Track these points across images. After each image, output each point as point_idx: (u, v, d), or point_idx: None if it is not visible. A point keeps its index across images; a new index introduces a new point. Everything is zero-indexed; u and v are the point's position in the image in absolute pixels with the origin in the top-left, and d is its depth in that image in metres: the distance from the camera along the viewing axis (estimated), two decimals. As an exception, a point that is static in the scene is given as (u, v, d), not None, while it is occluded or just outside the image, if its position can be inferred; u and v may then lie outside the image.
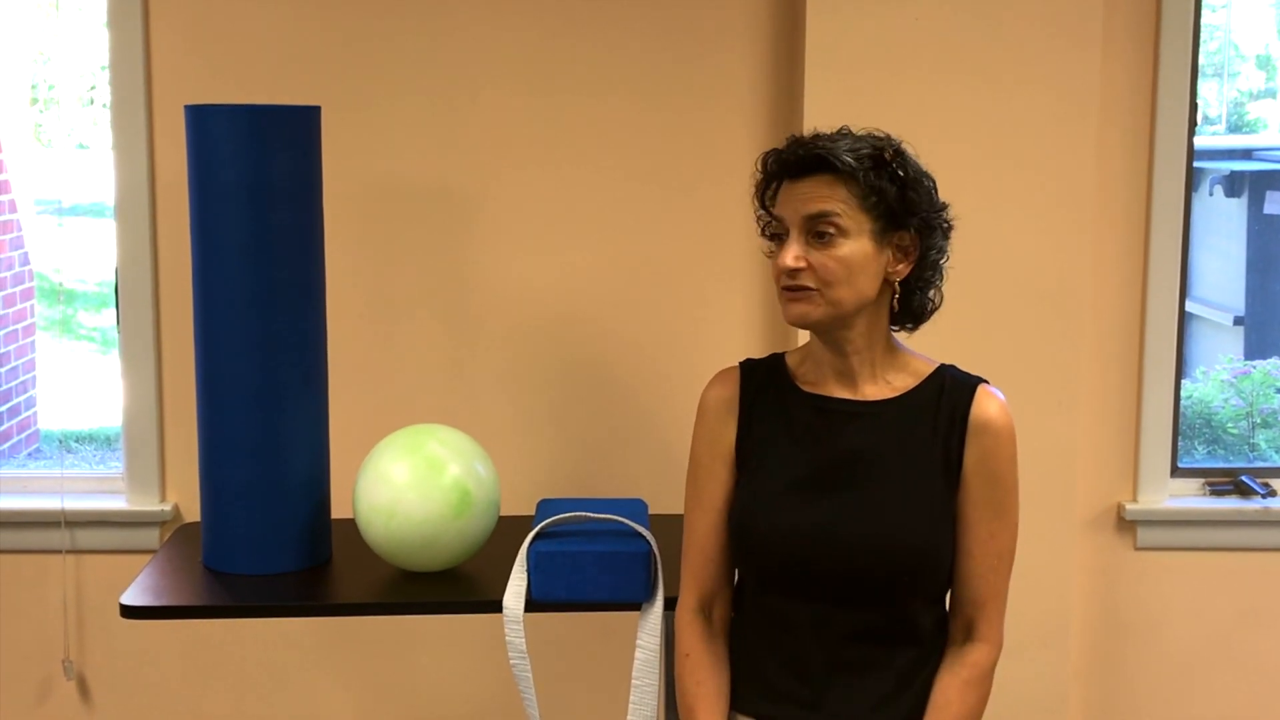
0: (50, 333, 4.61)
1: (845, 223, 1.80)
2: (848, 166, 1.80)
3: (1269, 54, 4.37)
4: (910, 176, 1.83)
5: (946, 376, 1.89)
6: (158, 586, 2.26)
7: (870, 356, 1.88)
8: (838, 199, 1.81)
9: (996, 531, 1.85)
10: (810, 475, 1.87)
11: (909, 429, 1.86)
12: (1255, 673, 3.19)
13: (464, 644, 3.10)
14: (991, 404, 1.86)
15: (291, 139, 2.26)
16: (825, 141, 1.83)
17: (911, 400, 1.87)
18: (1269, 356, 3.81)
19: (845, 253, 1.81)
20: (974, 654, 1.87)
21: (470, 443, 2.26)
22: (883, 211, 1.81)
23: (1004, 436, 1.85)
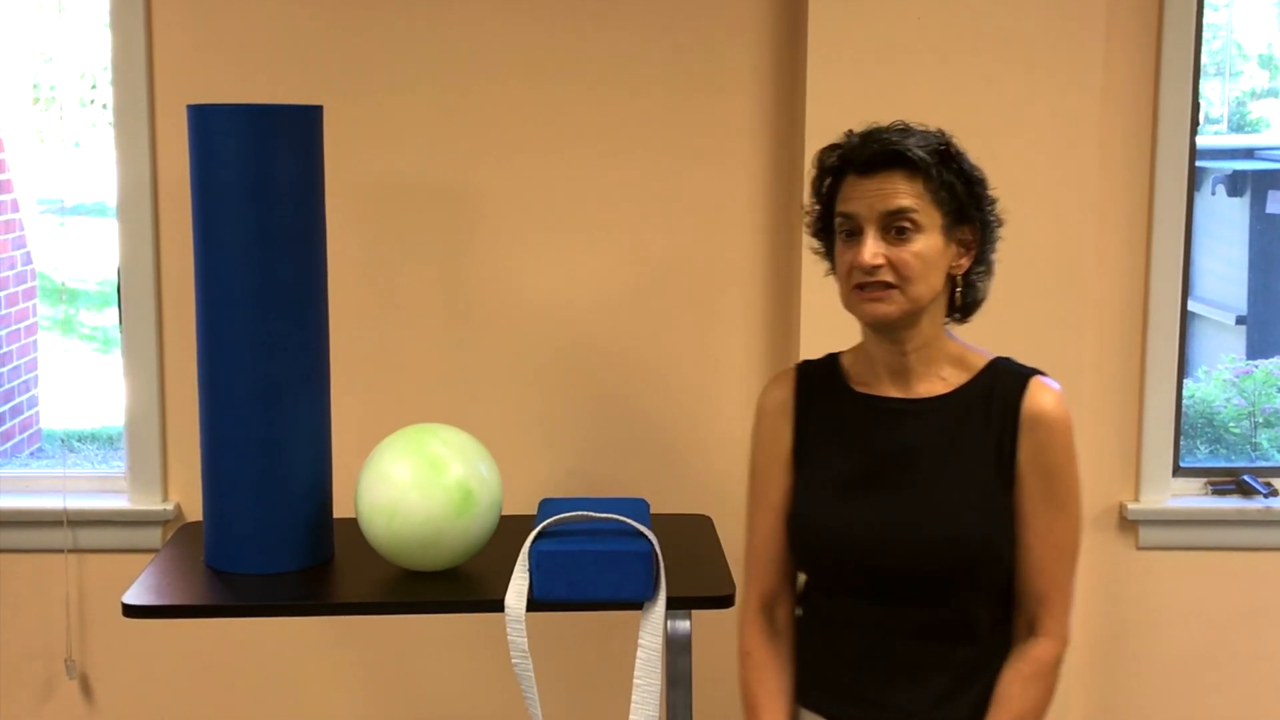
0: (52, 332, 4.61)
1: (921, 218, 1.81)
2: (923, 161, 1.81)
3: (1271, 53, 4.37)
4: (971, 171, 1.86)
5: (1000, 369, 1.89)
6: (160, 586, 2.26)
7: (927, 353, 1.89)
8: (914, 194, 1.81)
9: (1054, 525, 1.83)
10: (864, 475, 1.89)
11: (961, 424, 1.86)
12: (1257, 672, 3.19)
13: (465, 643, 3.10)
14: (1044, 396, 1.85)
15: (293, 138, 2.25)
16: (895, 136, 1.83)
17: (963, 395, 1.87)
18: (1271, 356, 3.81)
19: (921, 248, 1.81)
20: (1036, 649, 1.86)
21: (472, 442, 2.26)
22: (952, 207, 1.83)
23: (1057, 429, 1.84)
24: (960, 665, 1.87)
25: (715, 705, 3.11)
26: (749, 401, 3.07)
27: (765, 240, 3.02)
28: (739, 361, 3.06)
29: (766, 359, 3.05)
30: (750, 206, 3.02)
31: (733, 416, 3.08)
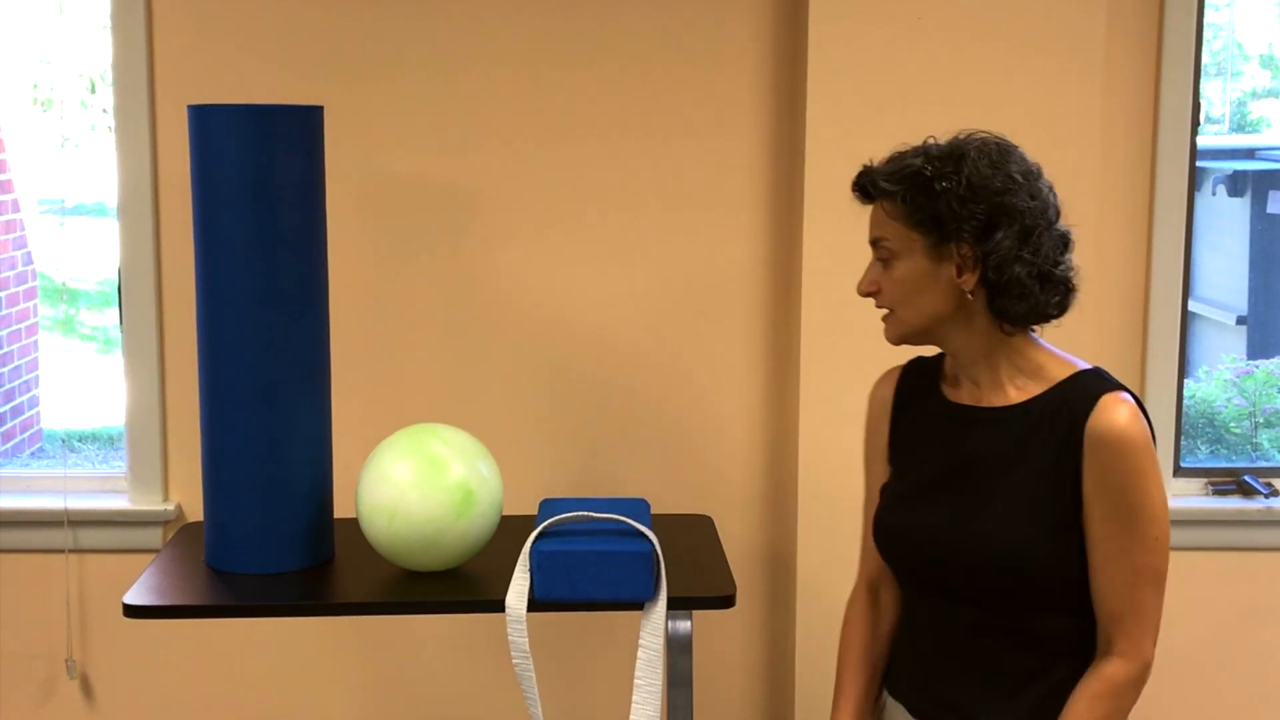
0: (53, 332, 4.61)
1: (895, 245, 1.85)
2: (884, 191, 1.84)
3: (1272, 53, 4.37)
4: (963, 185, 1.80)
5: (1078, 383, 1.85)
6: (160, 586, 2.26)
7: (989, 363, 1.88)
8: (887, 222, 1.85)
9: (1129, 548, 1.79)
10: (935, 478, 1.93)
11: (1029, 436, 1.84)
12: (1258, 672, 3.19)
13: (466, 644, 3.10)
14: (1110, 414, 1.79)
15: (294, 139, 2.25)
16: (882, 165, 1.87)
17: (1034, 407, 1.86)
18: (1272, 356, 3.80)
19: (900, 274, 1.85)
20: (1109, 667, 1.83)
21: (473, 442, 2.26)
22: (932, 227, 1.82)
23: (1126, 448, 1.78)
24: (1015, 672, 1.87)
25: (715, 705, 3.12)
26: (749, 401, 3.09)
27: (767, 240, 3.02)
28: (740, 361, 3.06)
29: (767, 358, 3.05)
30: (752, 206, 3.02)
31: (733, 416, 3.08)
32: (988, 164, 1.82)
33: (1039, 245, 1.84)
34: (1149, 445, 1.81)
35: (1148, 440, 1.81)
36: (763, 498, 3.08)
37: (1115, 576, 1.81)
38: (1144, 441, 1.80)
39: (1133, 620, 1.82)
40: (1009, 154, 1.85)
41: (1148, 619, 1.82)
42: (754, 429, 3.08)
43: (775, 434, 3.07)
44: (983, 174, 1.82)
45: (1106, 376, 1.87)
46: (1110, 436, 1.78)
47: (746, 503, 3.08)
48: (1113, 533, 1.80)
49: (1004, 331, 1.87)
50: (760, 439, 3.08)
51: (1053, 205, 1.88)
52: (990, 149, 1.84)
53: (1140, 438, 1.79)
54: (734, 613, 2.32)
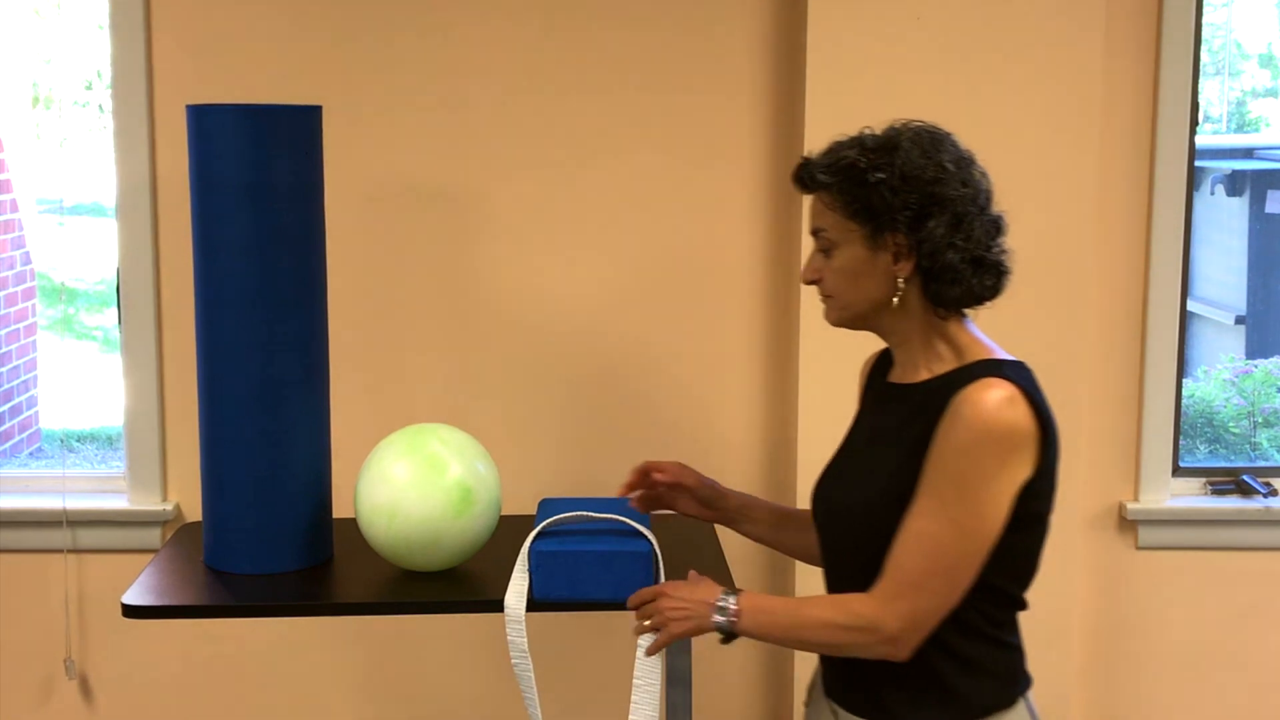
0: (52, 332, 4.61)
1: (834, 235, 1.88)
2: (820, 183, 1.87)
3: (1271, 53, 4.37)
4: (896, 175, 1.82)
5: (976, 367, 1.85)
6: (159, 586, 2.26)
7: (912, 345, 1.91)
8: (825, 212, 1.88)
9: (925, 511, 1.78)
10: (848, 452, 2.00)
11: (915, 413, 1.86)
12: (1257, 672, 3.19)
13: (465, 644, 3.10)
14: (975, 393, 1.78)
15: (293, 139, 2.25)
16: (818, 157, 1.90)
17: (932, 385, 1.87)
18: (1270, 355, 3.81)
19: (839, 263, 1.88)
20: (855, 598, 1.82)
21: (471, 442, 2.26)
22: (866, 216, 1.84)
23: (963, 423, 1.76)
24: None
25: (714, 705, 3.12)
26: (749, 400, 3.09)
27: (765, 240, 3.02)
28: (739, 361, 3.06)
29: (766, 358, 3.05)
30: (750, 207, 3.02)
31: (733, 415, 3.08)
32: (920, 153, 1.84)
33: (971, 231, 1.85)
34: (999, 435, 1.77)
35: (1000, 430, 1.77)
36: (762, 495, 3.07)
37: (903, 534, 1.79)
38: (992, 427, 1.76)
39: (889, 578, 1.79)
40: (941, 142, 1.87)
41: (901, 589, 1.78)
42: (753, 428, 3.08)
43: (774, 433, 3.07)
44: (915, 164, 1.84)
45: (1011, 368, 1.85)
46: (961, 411, 1.77)
47: (745, 502, 3.08)
48: (920, 491, 1.79)
49: (938, 315, 1.89)
50: (759, 438, 3.08)
51: (984, 191, 1.89)
52: (923, 138, 1.86)
53: (989, 422, 1.76)
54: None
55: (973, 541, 1.78)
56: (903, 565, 1.79)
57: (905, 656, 1.81)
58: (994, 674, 1.88)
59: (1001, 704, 1.88)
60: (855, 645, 1.82)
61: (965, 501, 1.77)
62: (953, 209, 1.84)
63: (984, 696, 1.87)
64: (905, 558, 1.79)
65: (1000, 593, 1.86)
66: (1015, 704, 1.89)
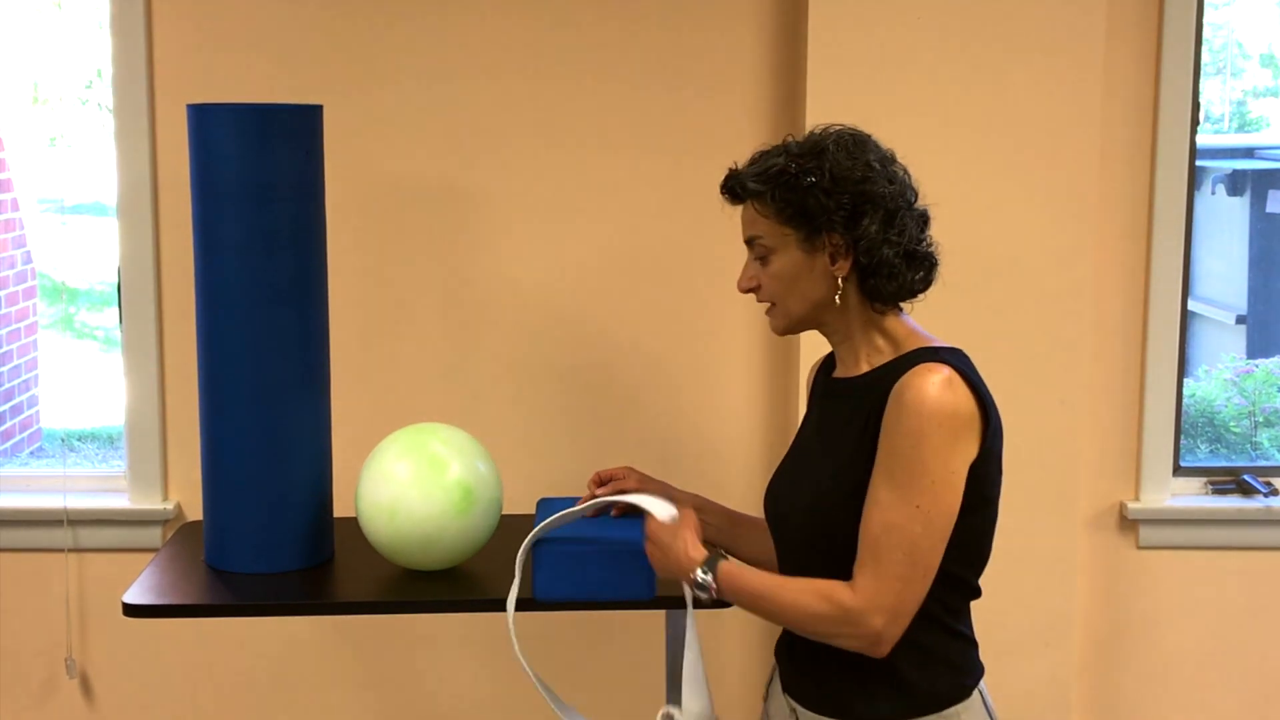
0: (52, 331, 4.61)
1: (770, 241, 1.91)
2: (752, 191, 1.91)
3: (1272, 52, 4.37)
4: (826, 178, 1.86)
5: (914, 355, 1.87)
6: (160, 585, 2.27)
7: (853, 342, 1.93)
8: (759, 220, 1.92)
9: (886, 503, 1.78)
10: (795, 451, 2.04)
11: (857, 405, 1.88)
12: (1257, 671, 3.19)
13: (465, 643, 3.10)
14: (915, 378, 1.80)
15: (293, 138, 2.26)
16: (747, 166, 1.94)
17: (871, 378, 1.90)
18: (1271, 355, 3.81)
19: (777, 269, 1.92)
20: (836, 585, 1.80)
21: (472, 441, 2.26)
22: (801, 220, 1.88)
23: (908, 409, 1.78)
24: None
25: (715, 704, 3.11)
26: (748, 399, 3.09)
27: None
28: (739, 359, 3.06)
29: (766, 357, 3.05)
30: (750, 206, 3.02)
31: (732, 414, 3.08)
32: (845, 155, 1.88)
33: (903, 226, 1.89)
34: (943, 417, 1.78)
35: (943, 410, 1.78)
36: (761, 496, 3.07)
37: (869, 524, 1.79)
38: (936, 409, 1.77)
39: (871, 574, 1.78)
40: (864, 143, 1.91)
41: (885, 584, 1.78)
42: (753, 428, 3.08)
43: (773, 432, 3.07)
44: (843, 165, 1.87)
45: (944, 353, 1.87)
46: (901, 395, 1.80)
47: (745, 501, 3.07)
48: (878, 483, 1.79)
49: (875, 310, 1.92)
50: (759, 438, 3.08)
51: (910, 187, 1.92)
52: (846, 140, 1.90)
53: (933, 405, 1.77)
54: (732, 611, 2.31)
55: (937, 526, 1.79)
56: (881, 560, 1.78)
57: (886, 651, 1.81)
58: (949, 664, 1.89)
59: (957, 695, 1.89)
60: (836, 636, 1.82)
61: (925, 487, 1.78)
62: (884, 205, 1.88)
63: (939, 687, 1.88)
64: (882, 552, 1.78)
65: (955, 579, 1.87)
66: (970, 695, 1.90)
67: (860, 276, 1.89)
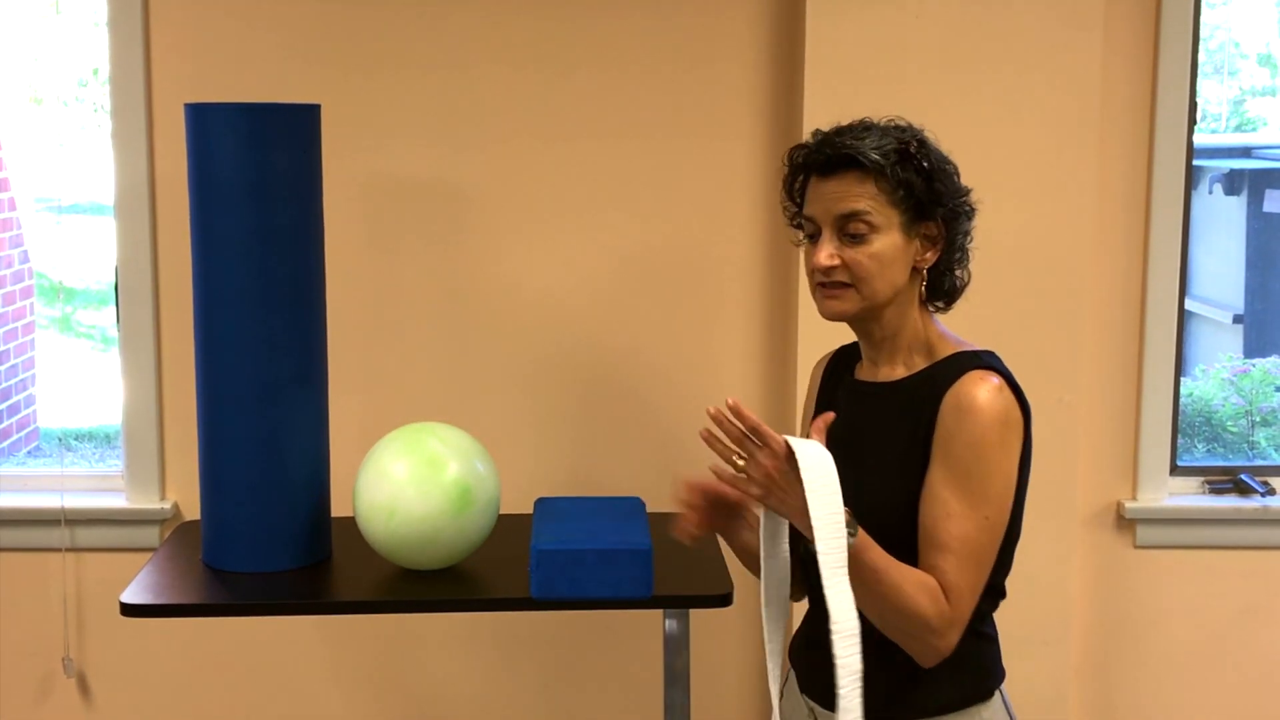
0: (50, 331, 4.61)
1: (876, 219, 1.83)
2: (875, 164, 1.82)
3: (1269, 52, 4.37)
4: (934, 166, 1.85)
5: (955, 360, 1.86)
6: (158, 584, 2.27)
7: (895, 341, 1.90)
8: (867, 196, 1.83)
9: (957, 514, 1.77)
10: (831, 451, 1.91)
11: (902, 409, 1.86)
12: (1255, 671, 3.19)
13: (464, 642, 3.10)
14: (968, 386, 1.80)
15: (291, 137, 2.26)
16: (851, 138, 1.85)
17: (913, 382, 1.88)
18: (1268, 355, 3.81)
19: (877, 248, 1.84)
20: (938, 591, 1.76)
21: (470, 441, 2.26)
22: (911, 204, 1.84)
23: (970, 416, 1.78)
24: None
25: (713, 704, 3.12)
26: (747, 399, 3.08)
27: (764, 236, 3.02)
28: (738, 358, 3.06)
29: (765, 355, 3.06)
30: (748, 202, 3.02)
31: (730, 415, 3.08)
32: (938, 148, 1.88)
33: (970, 228, 1.91)
34: (1001, 423, 1.79)
35: (1001, 418, 1.79)
36: (760, 496, 3.07)
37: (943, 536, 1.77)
38: (994, 416, 1.78)
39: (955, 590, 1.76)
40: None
41: (965, 599, 1.77)
42: (751, 427, 3.08)
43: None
44: (942, 157, 1.88)
45: (985, 357, 1.87)
46: (960, 404, 1.79)
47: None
48: (946, 494, 1.78)
49: (929, 309, 1.91)
50: (757, 437, 3.08)
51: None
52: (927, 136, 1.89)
53: (990, 411, 1.78)
54: (731, 611, 2.32)
55: (998, 534, 1.80)
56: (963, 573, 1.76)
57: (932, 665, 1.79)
58: (974, 666, 1.88)
59: (979, 696, 1.88)
60: (911, 637, 1.77)
61: (990, 497, 1.78)
62: (967, 203, 1.89)
63: (963, 689, 1.87)
64: (964, 565, 1.76)
65: (988, 584, 1.86)
66: (991, 696, 1.90)
67: (933, 272, 1.88)
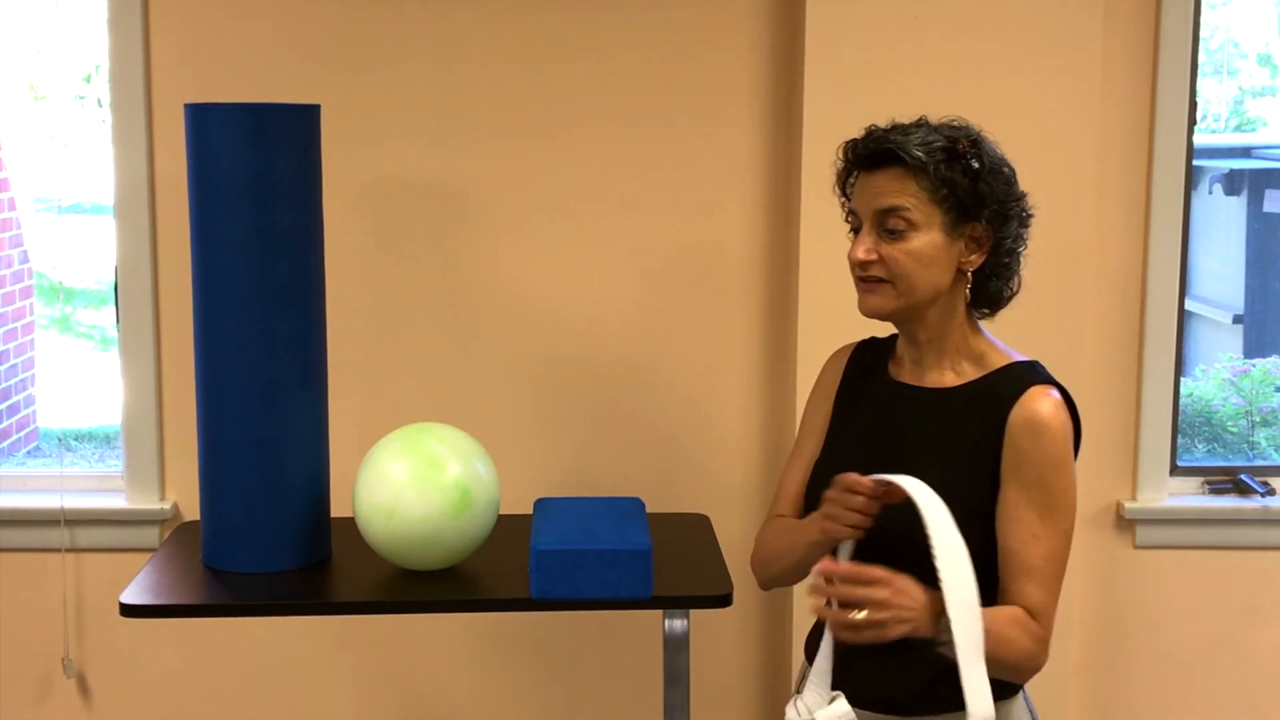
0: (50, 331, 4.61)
1: (916, 216, 1.83)
2: (918, 160, 1.82)
3: (1269, 52, 4.37)
4: (986, 167, 1.84)
5: (1011, 373, 1.87)
6: (157, 585, 2.26)
7: (941, 345, 1.90)
8: (908, 193, 1.83)
9: (1041, 535, 1.81)
10: (868, 452, 1.90)
11: (956, 420, 1.86)
12: (1254, 671, 3.19)
13: (463, 643, 3.10)
14: (1035, 404, 1.82)
15: (291, 137, 2.25)
16: (897, 134, 1.85)
17: (966, 392, 1.87)
18: (1268, 355, 3.81)
19: (916, 246, 1.83)
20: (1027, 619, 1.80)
21: (470, 441, 2.26)
22: (954, 204, 1.83)
23: (1045, 436, 1.81)
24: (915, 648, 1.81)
25: (712, 703, 3.12)
26: (747, 399, 3.09)
27: (764, 237, 3.02)
28: (737, 359, 3.06)
29: (764, 356, 3.05)
30: (749, 203, 3.02)
31: (731, 414, 3.08)
32: (995, 149, 1.87)
33: (1025, 233, 1.90)
34: (1067, 438, 1.83)
35: (1067, 433, 1.83)
36: (759, 496, 3.08)
37: (1030, 562, 1.80)
38: (1063, 433, 1.82)
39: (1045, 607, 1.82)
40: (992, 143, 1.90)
41: (1052, 615, 1.83)
42: (750, 427, 3.08)
43: (772, 432, 3.07)
44: (998, 158, 1.86)
45: (1039, 369, 1.89)
46: (1032, 424, 1.81)
47: (743, 501, 3.08)
48: (1028, 518, 1.81)
49: (975, 313, 1.90)
50: (757, 437, 3.08)
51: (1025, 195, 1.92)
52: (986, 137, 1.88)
53: (1059, 428, 1.82)
54: (731, 611, 2.32)
55: (1070, 543, 1.84)
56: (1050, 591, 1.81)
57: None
58: None
59: (1005, 693, 1.89)
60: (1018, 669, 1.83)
61: (1065, 512, 1.82)
62: (1021, 207, 1.87)
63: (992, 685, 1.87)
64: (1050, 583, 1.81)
65: None
66: (1016, 694, 1.91)
67: (979, 274, 1.87)
